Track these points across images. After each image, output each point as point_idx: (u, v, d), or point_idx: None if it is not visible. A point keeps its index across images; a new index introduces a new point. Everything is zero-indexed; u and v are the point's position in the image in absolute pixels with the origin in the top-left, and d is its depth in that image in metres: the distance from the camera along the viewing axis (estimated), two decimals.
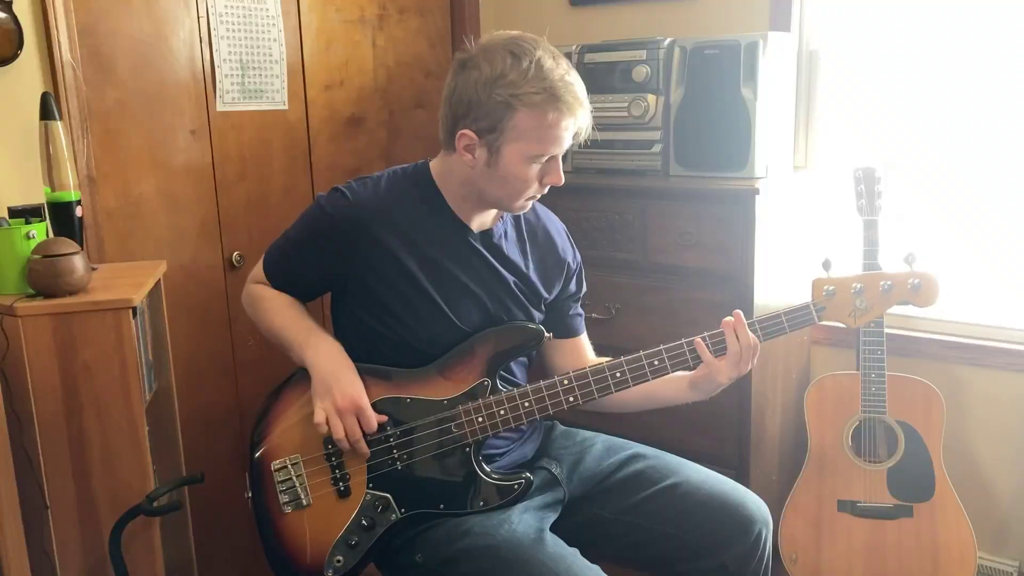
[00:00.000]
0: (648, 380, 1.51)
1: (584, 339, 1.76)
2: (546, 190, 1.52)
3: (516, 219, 1.64)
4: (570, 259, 1.70)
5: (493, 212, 1.59)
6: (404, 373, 1.54)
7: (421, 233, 1.53)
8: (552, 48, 1.45)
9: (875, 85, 2.29)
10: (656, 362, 1.51)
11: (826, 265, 1.57)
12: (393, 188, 1.56)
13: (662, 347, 1.51)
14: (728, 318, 1.51)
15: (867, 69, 2.30)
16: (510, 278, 1.59)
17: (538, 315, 1.65)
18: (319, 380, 1.48)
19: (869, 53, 2.29)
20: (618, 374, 1.51)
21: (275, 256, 1.62)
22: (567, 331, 1.73)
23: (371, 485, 1.50)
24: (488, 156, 1.45)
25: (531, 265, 1.63)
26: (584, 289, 1.76)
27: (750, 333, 1.50)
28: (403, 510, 1.50)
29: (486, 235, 1.58)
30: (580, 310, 1.76)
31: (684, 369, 1.53)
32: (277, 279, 1.62)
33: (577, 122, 1.45)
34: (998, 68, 2.12)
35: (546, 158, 1.46)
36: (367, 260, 1.52)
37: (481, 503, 1.50)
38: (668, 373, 1.52)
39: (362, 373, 1.51)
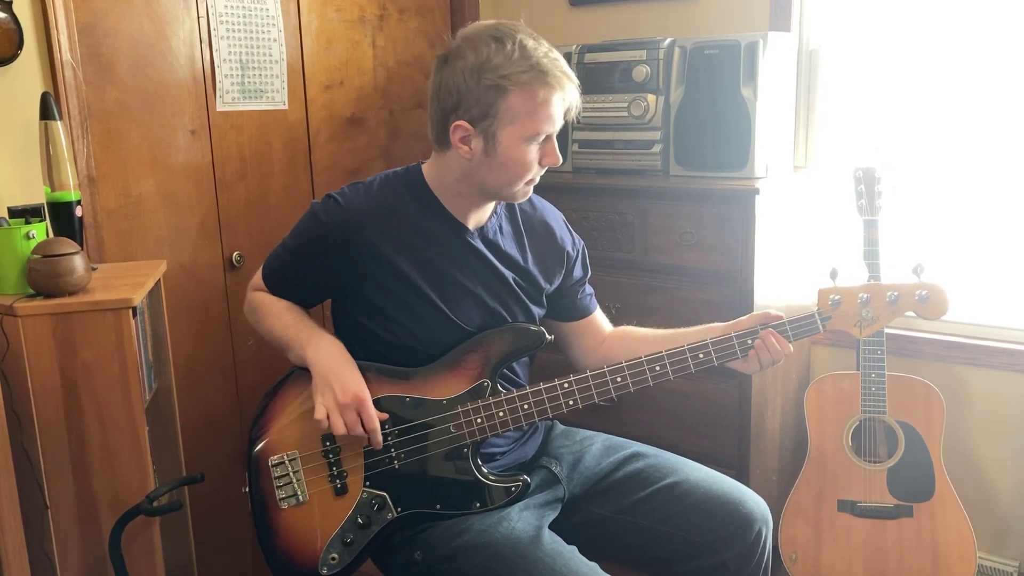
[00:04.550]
0: (649, 385, 1.51)
1: (598, 315, 1.75)
2: (544, 171, 1.52)
3: (511, 212, 1.64)
4: (569, 247, 1.70)
5: (489, 209, 1.59)
6: (404, 372, 1.54)
7: (416, 235, 1.53)
8: (531, 30, 1.45)
9: (875, 85, 2.29)
10: (658, 368, 1.51)
11: (833, 274, 1.55)
12: (386, 191, 1.56)
13: (664, 352, 1.51)
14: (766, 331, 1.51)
15: (867, 68, 2.30)
16: (509, 274, 1.59)
17: (538, 311, 1.65)
18: (319, 376, 1.48)
19: (869, 52, 2.29)
20: (619, 379, 1.51)
21: (273, 265, 1.63)
22: (579, 313, 1.73)
23: (368, 483, 1.50)
24: (485, 144, 1.45)
25: (530, 257, 1.63)
26: (589, 272, 1.75)
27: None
28: (399, 509, 1.50)
29: (482, 232, 1.58)
30: (589, 289, 1.75)
31: (686, 375, 1.53)
32: (276, 287, 1.62)
33: (567, 97, 1.46)
34: (997, 68, 2.12)
35: (542, 138, 1.46)
36: (364, 265, 1.52)
37: (478, 504, 1.50)
38: (669, 379, 1.52)
39: (362, 370, 1.51)
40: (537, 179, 1.53)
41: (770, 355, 1.50)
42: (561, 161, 1.51)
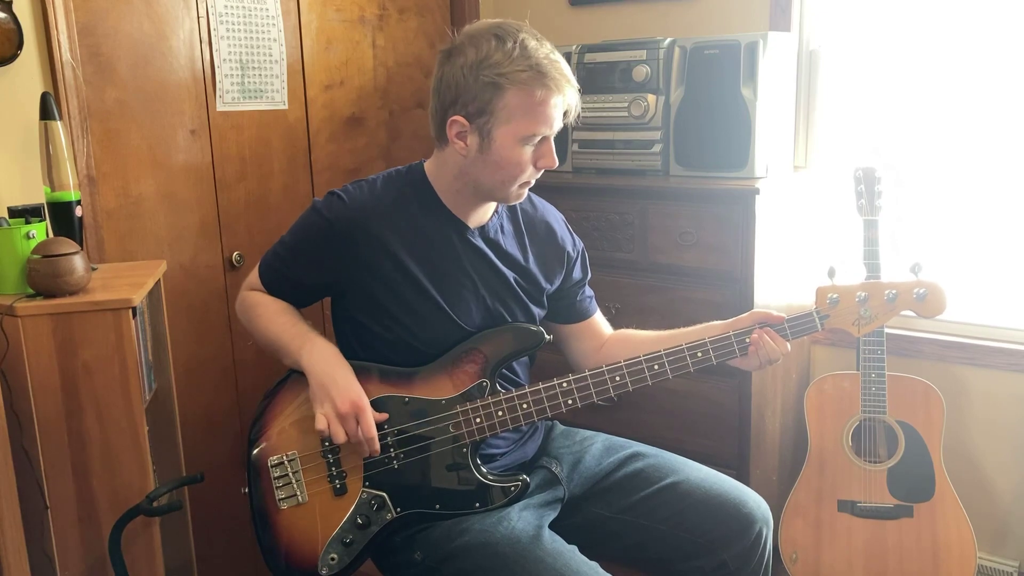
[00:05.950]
0: (648, 384, 1.51)
1: (598, 318, 1.75)
2: (540, 174, 1.52)
3: (512, 212, 1.64)
4: (570, 248, 1.70)
5: (490, 208, 1.59)
6: (403, 372, 1.54)
7: (419, 233, 1.53)
8: (535, 31, 1.45)
9: (876, 85, 2.29)
10: (656, 367, 1.51)
11: (831, 273, 1.55)
12: (389, 190, 1.56)
13: (662, 351, 1.51)
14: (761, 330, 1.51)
15: (868, 69, 2.30)
16: (510, 274, 1.59)
17: (538, 311, 1.65)
18: (316, 385, 1.48)
19: (869, 52, 2.29)
20: (617, 378, 1.51)
21: (271, 262, 1.61)
22: (579, 315, 1.73)
23: (367, 483, 1.50)
24: (480, 141, 1.45)
25: (531, 257, 1.63)
26: (589, 274, 1.75)
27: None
28: (399, 509, 1.50)
29: (483, 230, 1.58)
30: (589, 291, 1.75)
31: (685, 374, 1.53)
32: (274, 286, 1.61)
33: (566, 100, 1.45)
34: (997, 68, 2.12)
35: (538, 139, 1.45)
36: (367, 263, 1.51)
37: (477, 504, 1.50)
38: (668, 378, 1.52)
39: (361, 371, 1.51)
40: (533, 181, 1.52)
41: (767, 354, 1.51)
42: (557, 164, 1.50)
